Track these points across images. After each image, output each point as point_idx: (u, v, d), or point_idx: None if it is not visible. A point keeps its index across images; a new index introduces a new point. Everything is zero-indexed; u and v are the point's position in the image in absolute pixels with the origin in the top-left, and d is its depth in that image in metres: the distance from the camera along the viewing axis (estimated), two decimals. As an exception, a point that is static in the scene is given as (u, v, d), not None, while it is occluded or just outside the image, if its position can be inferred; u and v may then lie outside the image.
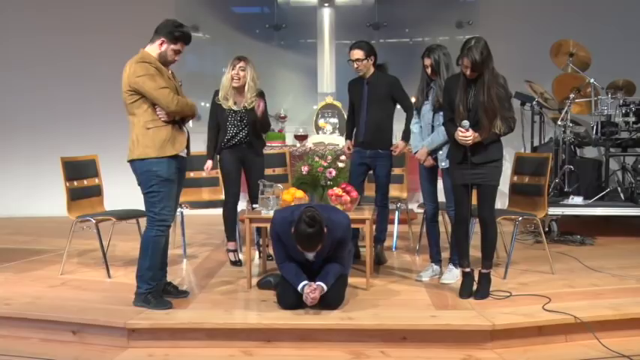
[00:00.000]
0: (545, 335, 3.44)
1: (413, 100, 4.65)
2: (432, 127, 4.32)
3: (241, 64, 4.71)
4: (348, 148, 4.97)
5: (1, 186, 7.85)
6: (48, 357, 3.35)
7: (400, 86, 4.79)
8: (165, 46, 3.67)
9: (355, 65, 4.74)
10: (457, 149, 3.85)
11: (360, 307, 3.74)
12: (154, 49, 3.69)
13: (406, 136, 4.71)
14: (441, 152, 4.26)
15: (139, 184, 3.75)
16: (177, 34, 3.68)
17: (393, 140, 4.90)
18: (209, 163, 4.90)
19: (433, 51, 4.25)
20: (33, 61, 7.74)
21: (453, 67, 4.17)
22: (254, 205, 4.64)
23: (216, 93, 4.82)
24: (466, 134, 3.72)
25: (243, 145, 4.80)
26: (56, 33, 7.63)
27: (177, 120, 3.75)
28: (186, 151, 3.85)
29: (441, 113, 4.13)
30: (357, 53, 4.72)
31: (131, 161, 3.73)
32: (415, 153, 4.45)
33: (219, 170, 4.98)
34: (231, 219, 4.91)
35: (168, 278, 4.06)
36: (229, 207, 4.89)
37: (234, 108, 4.75)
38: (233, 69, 4.71)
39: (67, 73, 7.63)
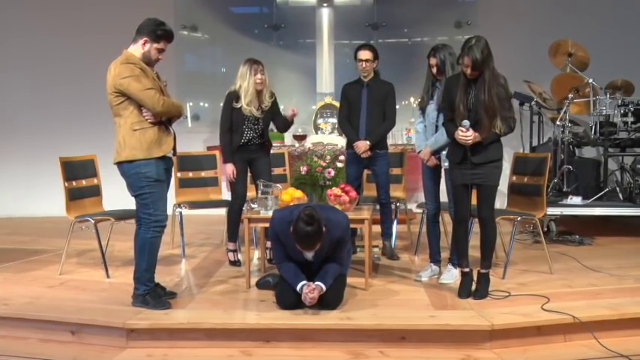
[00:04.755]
0: (543, 335, 3.44)
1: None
2: (436, 126, 4.32)
3: (260, 67, 4.69)
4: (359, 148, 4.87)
5: (0, 186, 7.85)
6: (46, 357, 3.35)
7: (394, 95, 4.93)
8: (148, 45, 3.66)
9: (363, 65, 4.85)
10: (457, 149, 3.84)
11: (358, 307, 3.74)
12: (137, 50, 3.68)
13: (373, 138, 4.81)
14: (444, 152, 4.25)
15: (128, 187, 3.74)
16: (159, 32, 3.67)
17: (388, 140, 4.91)
18: (231, 168, 4.72)
19: (439, 50, 4.26)
20: (32, 61, 7.74)
21: (458, 67, 4.17)
22: (252, 205, 4.63)
23: (231, 96, 4.71)
24: (466, 134, 3.71)
25: (252, 147, 4.77)
26: (56, 33, 7.63)
27: (164, 121, 3.74)
28: (172, 151, 3.82)
29: None
30: (367, 54, 4.86)
31: (119, 163, 3.71)
32: (419, 152, 4.45)
33: (219, 171, 4.93)
34: (235, 219, 4.89)
35: (167, 278, 4.05)
36: (235, 208, 4.86)
37: (256, 114, 4.71)
38: (255, 73, 4.65)
39: (66, 73, 7.62)
